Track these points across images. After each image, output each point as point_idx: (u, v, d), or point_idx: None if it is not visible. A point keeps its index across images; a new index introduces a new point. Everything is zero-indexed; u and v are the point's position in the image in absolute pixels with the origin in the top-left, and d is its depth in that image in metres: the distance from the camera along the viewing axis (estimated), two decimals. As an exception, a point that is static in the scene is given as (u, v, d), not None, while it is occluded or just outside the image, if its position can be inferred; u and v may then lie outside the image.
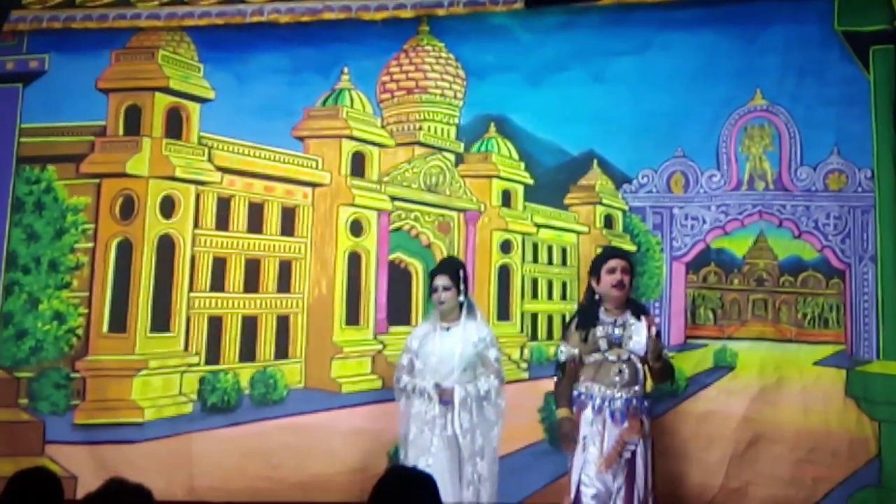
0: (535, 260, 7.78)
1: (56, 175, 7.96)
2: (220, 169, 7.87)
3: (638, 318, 6.09)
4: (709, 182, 7.53)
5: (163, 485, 6.59)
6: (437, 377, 6.39)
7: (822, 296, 7.30)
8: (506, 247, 7.80)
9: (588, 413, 6.04)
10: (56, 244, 7.90)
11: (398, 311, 7.74)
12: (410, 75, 8.00)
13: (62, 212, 7.92)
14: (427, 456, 6.24)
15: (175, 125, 7.96)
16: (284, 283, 7.80)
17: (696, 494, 6.95)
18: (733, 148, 7.51)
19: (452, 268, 6.64)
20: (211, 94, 7.99)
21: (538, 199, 7.79)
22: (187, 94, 7.99)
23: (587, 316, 6.20)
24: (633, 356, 6.05)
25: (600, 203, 7.68)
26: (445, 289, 6.52)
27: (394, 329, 7.67)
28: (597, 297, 6.21)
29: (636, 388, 6.02)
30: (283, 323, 7.75)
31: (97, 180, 7.93)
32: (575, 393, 6.12)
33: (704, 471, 6.99)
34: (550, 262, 7.79)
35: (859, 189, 7.31)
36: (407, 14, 7.88)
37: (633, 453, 5.94)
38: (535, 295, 7.73)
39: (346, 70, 7.99)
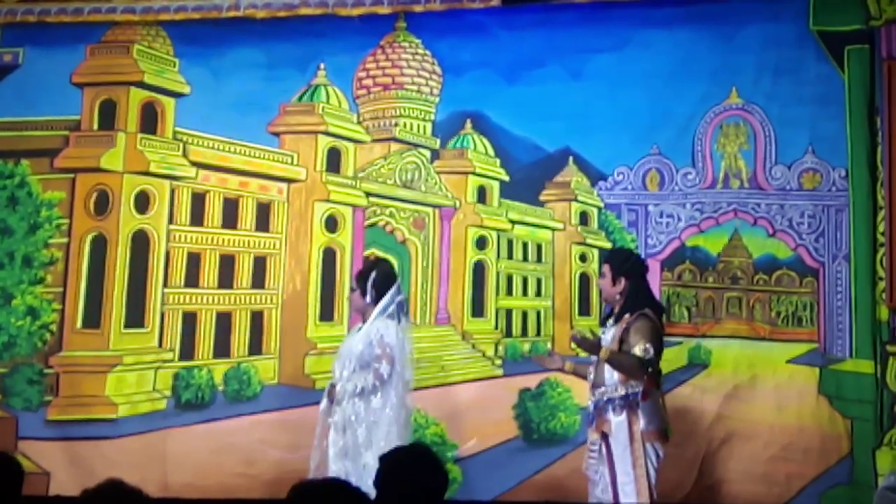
0: (510, 256, 7.77)
1: (30, 169, 7.93)
2: (194, 164, 7.85)
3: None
4: (684, 180, 7.53)
5: (136, 481, 6.42)
6: (334, 376, 6.36)
7: (795, 294, 7.32)
8: (481, 243, 7.79)
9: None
10: (30, 239, 7.85)
11: (373, 308, 7.73)
12: (387, 71, 7.98)
13: (36, 207, 7.87)
14: (326, 454, 6.22)
15: (150, 120, 7.93)
16: (259, 279, 7.78)
17: (670, 492, 6.95)
18: (709, 146, 7.52)
19: (363, 271, 6.53)
20: (186, 89, 7.97)
21: (513, 196, 7.78)
22: (162, 89, 7.96)
23: (603, 319, 6.33)
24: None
25: (575, 200, 7.68)
26: (352, 290, 6.50)
27: (368, 325, 7.66)
28: None
29: (603, 388, 6.00)
30: (257, 319, 7.73)
31: (71, 175, 7.90)
32: None
33: (678, 468, 6.97)
34: (525, 259, 7.78)
35: (833, 188, 7.32)
36: (384, 10, 7.86)
37: (608, 450, 5.94)
38: (509, 291, 7.72)
39: (322, 66, 7.96)
